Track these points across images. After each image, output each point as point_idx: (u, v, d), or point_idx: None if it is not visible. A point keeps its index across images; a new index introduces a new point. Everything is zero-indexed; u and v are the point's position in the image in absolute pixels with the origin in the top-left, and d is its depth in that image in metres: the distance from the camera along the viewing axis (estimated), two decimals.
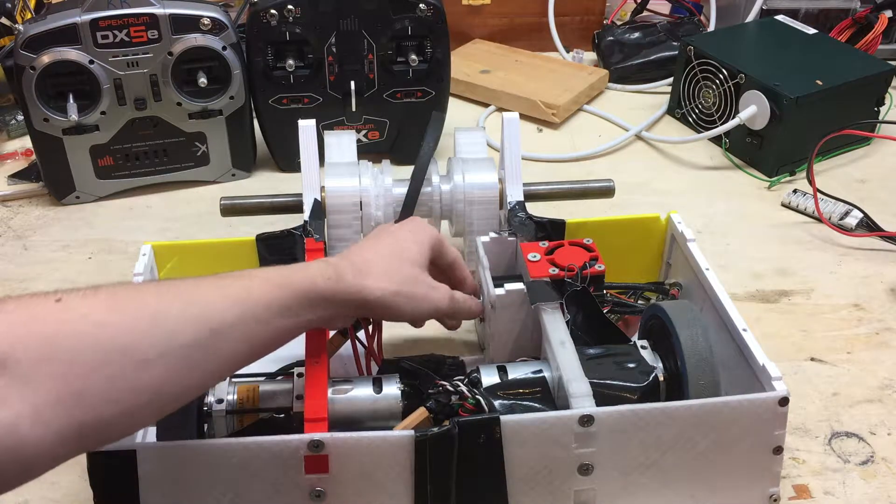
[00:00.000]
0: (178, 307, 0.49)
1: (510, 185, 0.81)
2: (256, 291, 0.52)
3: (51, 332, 0.44)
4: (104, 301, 0.47)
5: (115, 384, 0.45)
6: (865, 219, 0.96)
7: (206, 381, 0.51)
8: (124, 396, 0.45)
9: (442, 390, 0.61)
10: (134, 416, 0.47)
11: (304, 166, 0.81)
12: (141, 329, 0.46)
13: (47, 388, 0.42)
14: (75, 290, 0.46)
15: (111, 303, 0.47)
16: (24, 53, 0.91)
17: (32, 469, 0.43)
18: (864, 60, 1.14)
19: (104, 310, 0.46)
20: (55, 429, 0.42)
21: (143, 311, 0.47)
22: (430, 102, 1.04)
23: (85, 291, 0.46)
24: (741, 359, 0.64)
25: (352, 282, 0.58)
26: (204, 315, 0.49)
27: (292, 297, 0.54)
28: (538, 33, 1.34)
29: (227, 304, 0.51)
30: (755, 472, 0.61)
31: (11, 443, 0.41)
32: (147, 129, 0.99)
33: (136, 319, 0.47)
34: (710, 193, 1.04)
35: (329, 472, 0.56)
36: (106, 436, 0.47)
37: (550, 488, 0.59)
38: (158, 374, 0.46)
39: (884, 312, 0.85)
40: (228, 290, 0.51)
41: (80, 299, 0.46)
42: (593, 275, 0.69)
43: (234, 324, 0.50)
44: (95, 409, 0.44)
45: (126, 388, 0.45)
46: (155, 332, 0.47)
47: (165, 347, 0.47)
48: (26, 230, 0.97)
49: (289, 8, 0.96)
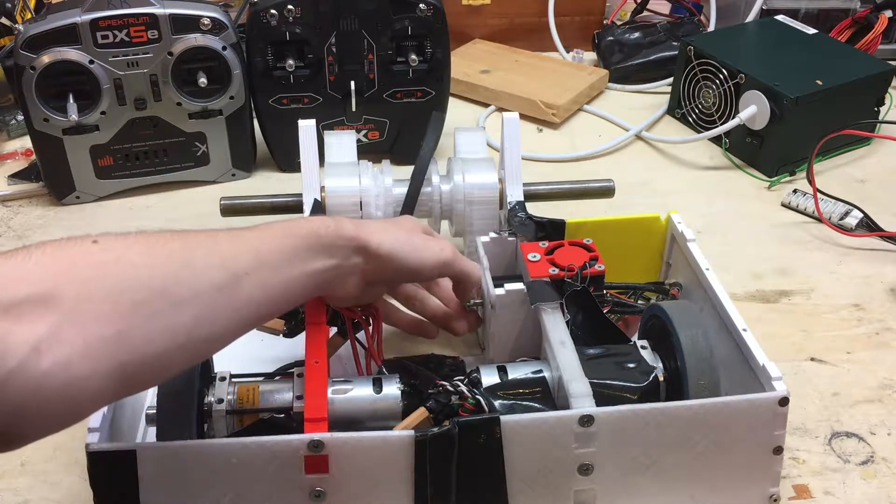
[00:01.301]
0: (203, 253, 0.51)
1: (510, 185, 0.81)
2: (267, 240, 0.56)
3: (92, 272, 0.45)
4: (137, 244, 0.48)
5: (154, 324, 0.46)
6: (865, 219, 0.96)
7: (231, 327, 0.52)
8: (163, 336, 0.47)
9: (442, 390, 0.61)
10: (171, 358, 0.48)
11: (304, 166, 0.81)
12: (173, 271, 0.48)
13: (94, 326, 0.44)
14: (109, 234, 0.48)
15: (144, 246, 0.48)
16: (24, 53, 0.91)
17: (80, 409, 0.45)
18: (864, 60, 1.14)
19: (138, 252, 0.48)
20: (103, 367, 0.44)
21: (174, 255, 0.49)
22: (430, 102, 1.04)
23: (118, 235, 0.48)
24: (741, 359, 0.64)
25: (352, 229, 0.61)
26: (224, 262, 0.51)
27: (299, 244, 0.57)
28: (538, 33, 1.34)
29: (242, 251, 0.53)
30: (755, 472, 0.61)
31: (66, 378, 0.42)
32: (147, 129, 0.99)
33: (168, 262, 0.49)
34: (710, 193, 1.04)
35: (329, 472, 0.56)
36: (145, 378, 0.48)
37: (550, 488, 0.59)
38: (192, 315, 0.48)
39: (884, 312, 0.85)
40: (242, 240, 0.54)
41: (115, 241, 0.48)
42: (593, 275, 0.69)
43: (250, 270, 0.52)
44: (137, 349, 0.45)
45: (164, 327, 0.47)
46: (185, 274, 0.49)
47: (196, 289, 0.49)
48: (26, 230, 0.97)
49: (289, 8, 0.96)
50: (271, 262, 0.55)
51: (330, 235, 0.59)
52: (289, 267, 0.56)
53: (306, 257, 0.57)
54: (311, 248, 0.58)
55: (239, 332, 0.53)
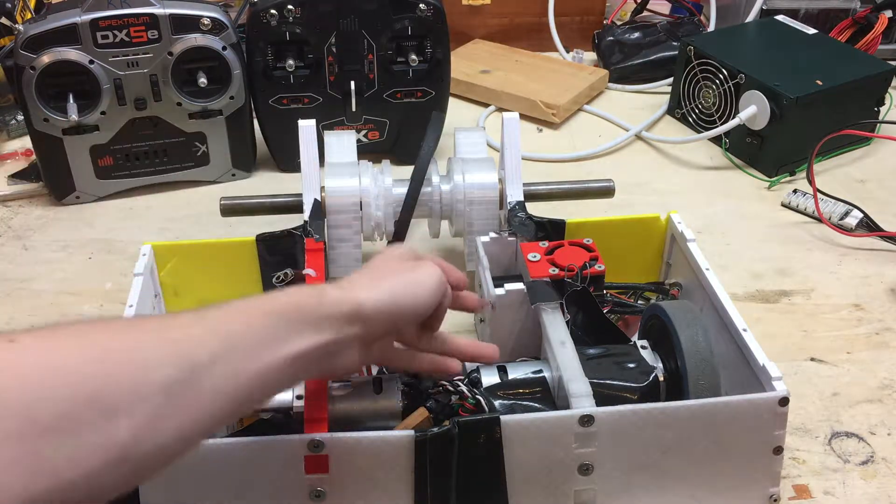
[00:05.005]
0: (151, 343, 0.42)
1: (510, 185, 0.81)
2: (236, 320, 0.46)
3: (3, 381, 0.37)
4: (65, 341, 0.40)
5: (78, 440, 0.38)
6: (865, 219, 0.96)
7: (186, 433, 0.42)
8: (89, 455, 0.38)
9: (442, 390, 0.61)
10: (101, 479, 0.39)
11: (304, 166, 0.81)
12: (108, 372, 0.40)
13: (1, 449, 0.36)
14: (32, 330, 0.40)
15: (74, 342, 0.40)
16: (24, 53, 0.91)
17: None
18: (864, 60, 1.14)
19: (66, 352, 0.39)
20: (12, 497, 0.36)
21: (112, 351, 0.41)
22: (430, 102, 1.04)
23: (42, 331, 0.40)
24: (741, 359, 0.64)
25: (337, 294, 0.52)
26: (179, 351, 0.42)
27: (276, 322, 0.48)
28: (538, 33, 1.34)
29: (204, 336, 0.44)
30: (755, 472, 0.61)
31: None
32: (147, 129, 0.99)
33: (103, 361, 0.40)
34: (710, 193, 1.04)
35: (329, 472, 0.56)
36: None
37: (550, 488, 0.59)
38: (129, 425, 0.39)
39: (884, 312, 0.85)
40: (204, 322, 0.45)
41: (36, 340, 0.39)
42: (593, 275, 0.69)
43: (215, 359, 0.43)
44: (56, 473, 0.37)
45: (92, 443, 0.38)
46: (125, 373, 0.40)
47: (138, 392, 0.40)
48: (26, 230, 0.97)
49: (289, 8, 0.96)
50: (243, 346, 0.45)
51: (313, 305, 0.50)
52: (265, 350, 0.46)
53: (287, 336, 0.48)
54: (293, 325, 0.48)
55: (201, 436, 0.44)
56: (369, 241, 0.83)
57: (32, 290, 0.87)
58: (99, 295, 0.86)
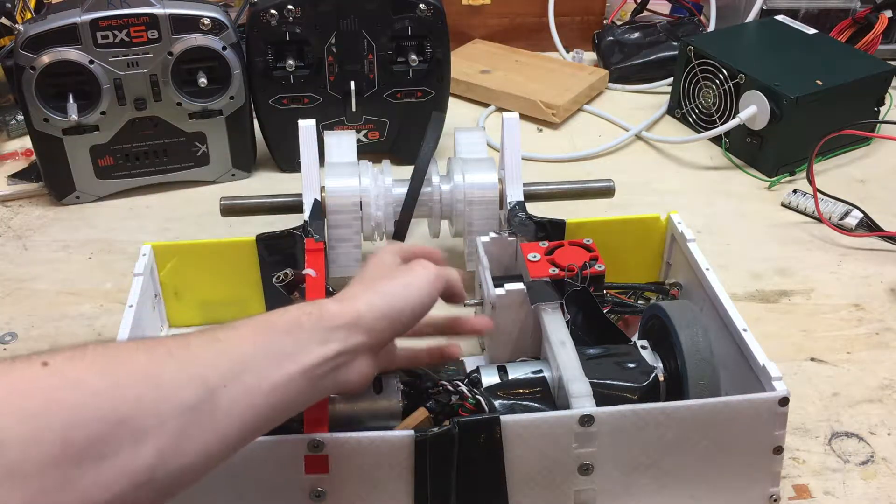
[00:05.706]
0: (173, 367, 0.44)
1: (510, 185, 0.81)
2: (245, 341, 0.48)
3: (40, 405, 0.38)
4: (97, 362, 0.41)
5: (108, 463, 0.39)
6: (865, 219, 0.96)
7: (209, 452, 0.44)
8: (118, 477, 0.39)
9: (442, 390, 0.61)
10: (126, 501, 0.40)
11: (304, 166, 0.81)
12: (136, 395, 0.41)
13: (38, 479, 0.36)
14: (62, 352, 0.41)
15: (102, 365, 0.41)
16: (24, 53, 0.91)
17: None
18: (864, 60, 1.14)
19: (99, 372, 0.41)
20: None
21: (138, 373, 0.42)
22: (430, 102, 1.04)
23: (73, 353, 0.41)
24: (741, 359, 0.64)
25: (336, 306, 0.52)
26: (198, 374, 0.44)
27: (283, 339, 0.49)
28: (538, 33, 1.34)
29: (219, 358, 0.46)
30: (755, 472, 0.61)
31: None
32: (147, 129, 0.99)
33: (131, 383, 0.41)
34: (710, 193, 1.04)
35: (329, 472, 0.56)
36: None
37: (550, 488, 0.59)
38: (156, 446, 0.41)
39: (884, 312, 0.85)
40: (217, 344, 0.47)
41: (70, 361, 0.40)
42: (593, 275, 0.69)
43: (231, 379, 0.45)
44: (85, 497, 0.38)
45: (121, 466, 0.39)
46: (151, 396, 0.41)
47: (162, 415, 0.41)
48: (26, 230, 0.97)
49: (289, 8, 0.96)
50: (253, 365, 0.46)
51: (313, 321, 0.50)
52: (275, 368, 0.47)
53: (294, 352, 0.49)
54: (298, 342, 0.49)
55: (223, 455, 0.45)
56: (369, 240, 0.83)
57: (32, 290, 0.87)
58: (99, 295, 0.86)
